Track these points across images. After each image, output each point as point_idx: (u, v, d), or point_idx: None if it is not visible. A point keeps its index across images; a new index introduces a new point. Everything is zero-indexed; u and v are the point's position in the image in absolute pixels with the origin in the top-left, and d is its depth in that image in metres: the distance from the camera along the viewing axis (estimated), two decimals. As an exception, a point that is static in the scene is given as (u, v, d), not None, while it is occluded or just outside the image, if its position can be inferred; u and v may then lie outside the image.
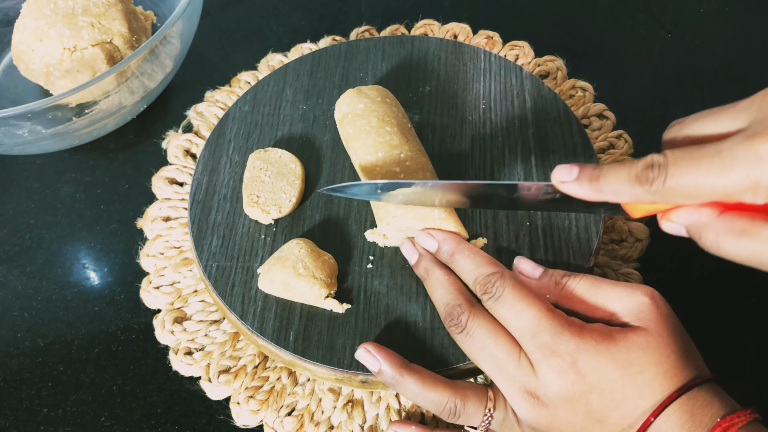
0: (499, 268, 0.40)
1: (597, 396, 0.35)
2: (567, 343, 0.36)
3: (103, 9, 0.58)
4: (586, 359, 0.35)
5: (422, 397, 0.40)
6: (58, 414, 0.47)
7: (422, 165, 0.47)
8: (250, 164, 0.51)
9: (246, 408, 0.46)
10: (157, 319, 0.50)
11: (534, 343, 0.36)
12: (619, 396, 0.35)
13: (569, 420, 0.36)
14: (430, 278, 0.43)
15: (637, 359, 0.35)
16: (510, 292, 0.38)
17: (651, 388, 0.34)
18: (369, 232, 0.47)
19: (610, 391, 0.35)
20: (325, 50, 0.59)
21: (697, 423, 0.33)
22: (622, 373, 0.35)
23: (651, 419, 0.34)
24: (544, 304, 0.38)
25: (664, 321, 0.36)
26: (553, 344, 0.36)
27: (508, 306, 0.38)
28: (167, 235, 0.54)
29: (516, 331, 0.38)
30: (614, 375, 0.35)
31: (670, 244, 0.52)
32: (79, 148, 0.61)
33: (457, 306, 0.40)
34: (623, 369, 0.35)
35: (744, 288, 0.50)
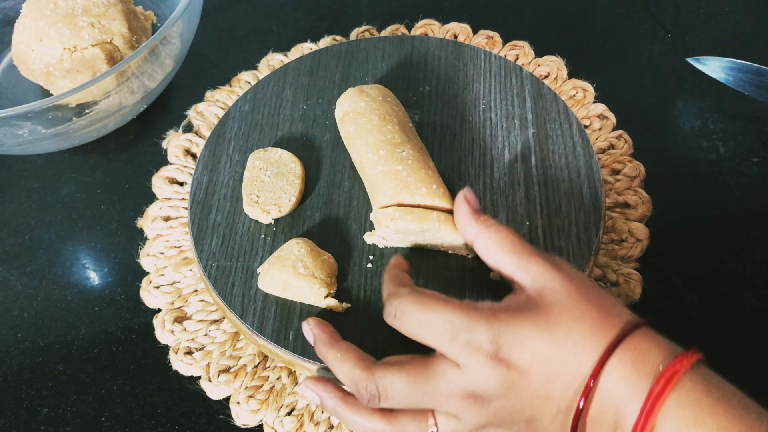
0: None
1: (535, 373, 0.33)
2: (485, 332, 0.34)
3: (103, 9, 0.58)
4: (509, 339, 0.34)
5: (358, 425, 0.39)
6: (58, 414, 0.47)
7: (424, 163, 0.47)
8: (250, 164, 0.51)
9: (246, 408, 0.46)
10: (157, 318, 0.50)
11: (455, 347, 0.35)
12: (557, 365, 0.33)
13: (516, 407, 0.34)
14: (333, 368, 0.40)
15: (558, 319, 0.33)
16: (411, 307, 0.37)
17: (583, 347, 0.33)
18: (368, 235, 0.47)
19: (545, 363, 0.33)
20: (326, 50, 0.59)
21: (641, 374, 0.32)
22: (550, 339, 0.33)
23: (590, 383, 0.32)
24: (449, 304, 0.36)
25: (572, 278, 0.35)
26: (473, 339, 0.34)
27: (415, 321, 0.36)
28: (167, 235, 0.54)
29: (434, 342, 0.36)
30: (542, 344, 0.33)
31: (670, 244, 0.53)
32: (79, 148, 0.61)
33: (359, 381, 0.38)
34: (549, 335, 0.33)
35: (744, 288, 0.50)
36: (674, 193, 0.55)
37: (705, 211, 0.55)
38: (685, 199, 0.55)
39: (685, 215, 0.54)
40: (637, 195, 0.54)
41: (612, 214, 0.53)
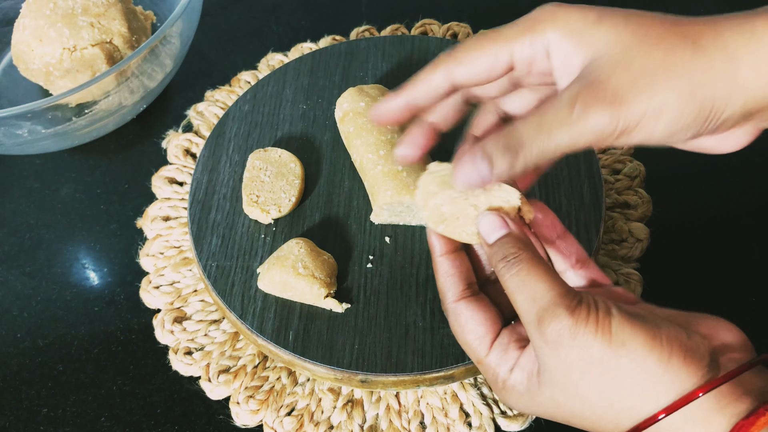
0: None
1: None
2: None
3: (102, 9, 0.58)
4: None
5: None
6: (58, 414, 0.47)
7: (424, 163, 0.47)
8: (249, 164, 0.51)
9: (246, 408, 0.46)
10: (156, 318, 0.50)
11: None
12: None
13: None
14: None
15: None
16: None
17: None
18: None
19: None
20: (325, 50, 0.59)
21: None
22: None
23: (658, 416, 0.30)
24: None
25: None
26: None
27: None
28: (167, 235, 0.54)
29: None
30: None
31: (671, 244, 0.52)
32: (78, 148, 0.61)
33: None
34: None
35: (744, 288, 0.50)
36: (674, 193, 0.55)
37: (705, 211, 0.55)
38: (685, 199, 0.55)
39: (685, 215, 0.54)
40: (637, 195, 0.54)
41: (612, 214, 0.53)
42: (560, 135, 0.30)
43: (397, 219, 0.48)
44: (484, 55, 0.33)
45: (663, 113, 0.30)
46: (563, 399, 0.32)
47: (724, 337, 0.31)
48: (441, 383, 0.44)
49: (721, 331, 0.32)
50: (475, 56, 0.33)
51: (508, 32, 0.33)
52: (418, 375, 0.43)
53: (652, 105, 0.30)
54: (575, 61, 0.31)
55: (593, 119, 0.30)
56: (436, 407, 0.45)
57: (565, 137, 0.30)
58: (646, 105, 0.30)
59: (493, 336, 0.34)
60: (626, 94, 0.30)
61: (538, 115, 0.31)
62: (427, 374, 0.43)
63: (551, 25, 0.31)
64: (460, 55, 0.33)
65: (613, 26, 0.31)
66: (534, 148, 0.31)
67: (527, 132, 0.31)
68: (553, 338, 0.30)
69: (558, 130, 0.30)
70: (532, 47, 0.32)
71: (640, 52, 0.30)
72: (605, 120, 0.30)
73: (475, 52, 0.33)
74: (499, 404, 0.46)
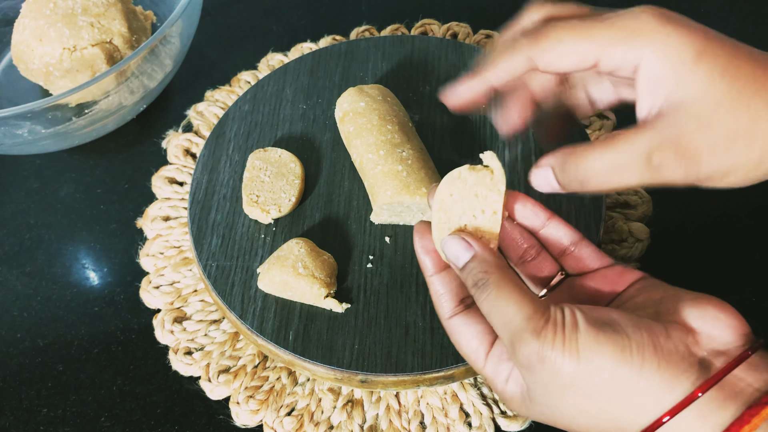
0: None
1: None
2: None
3: (102, 9, 0.58)
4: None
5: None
6: (58, 414, 0.47)
7: (424, 163, 0.47)
8: (249, 164, 0.51)
9: (246, 408, 0.46)
10: (156, 318, 0.50)
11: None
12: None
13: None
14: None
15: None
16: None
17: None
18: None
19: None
20: (325, 50, 0.59)
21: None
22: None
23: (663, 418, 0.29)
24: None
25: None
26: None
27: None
28: (167, 235, 0.54)
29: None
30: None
31: (670, 244, 0.52)
32: (78, 148, 0.61)
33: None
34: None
35: (745, 288, 0.50)
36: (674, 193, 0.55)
37: (705, 211, 0.55)
38: (685, 199, 0.55)
39: (685, 215, 0.54)
40: (637, 195, 0.54)
41: (612, 214, 0.53)
42: (630, 178, 0.32)
43: (397, 219, 0.48)
44: (573, 51, 0.33)
45: (730, 175, 0.31)
46: (550, 414, 0.32)
47: (712, 329, 0.30)
48: (441, 383, 0.44)
49: (709, 320, 0.31)
50: (562, 49, 0.33)
51: (602, 34, 0.32)
52: (418, 375, 0.43)
53: (723, 167, 0.31)
54: (662, 90, 0.31)
55: (667, 174, 0.31)
56: (436, 407, 0.45)
57: (634, 181, 0.32)
58: (718, 166, 0.31)
59: (486, 348, 0.35)
60: (704, 156, 0.31)
61: (610, 154, 0.32)
62: (427, 374, 0.43)
63: (649, 46, 0.31)
64: (545, 44, 0.33)
65: (710, 73, 0.30)
66: (603, 184, 0.32)
67: (599, 169, 0.32)
68: (525, 363, 0.30)
69: (630, 175, 0.32)
70: (623, 59, 0.32)
71: (729, 114, 0.30)
72: (678, 175, 0.31)
73: (563, 45, 0.33)
74: (499, 404, 0.46)
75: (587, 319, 0.30)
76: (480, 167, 0.36)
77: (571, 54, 0.32)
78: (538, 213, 0.37)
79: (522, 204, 0.38)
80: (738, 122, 0.30)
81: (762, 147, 0.30)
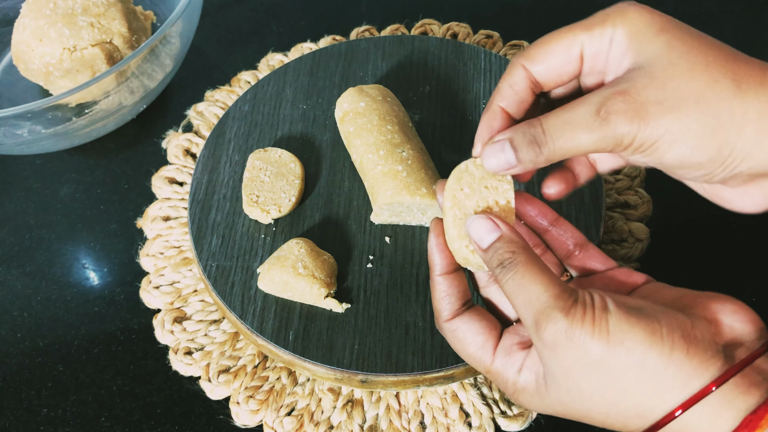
0: None
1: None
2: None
3: (102, 9, 0.58)
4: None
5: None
6: (58, 414, 0.47)
7: (424, 163, 0.47)
8: (249, 164, 0.51)
9: (245, 408, 0.46)
10: (156, 318, 0.50)
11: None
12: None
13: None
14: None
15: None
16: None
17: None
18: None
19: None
20: (325, 50, 0.59)
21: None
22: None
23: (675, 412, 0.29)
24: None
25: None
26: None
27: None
28: (167, 235, 0.54)
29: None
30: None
31: (670, 244, 0.52)
32: (78, 148, 0.61)
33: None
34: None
35: (745, 288, 0.50)
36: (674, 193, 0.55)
37: (705, 211, 0.54)
38: (685, 199, 0.55)
39: (685, 215, 0.54)
40: (637, 195, 0.54)
41: (612, 214, 0.53)
42: (582, 136, 0.31)
43: (397, 219, 0.48)
44: (558, 47, 0.33)
45: (679, 141, 0.30)
46: (569, 400, 0.31)
47: (732, 321, 0.31)
48: (441, 383, 0.44)
49: (728, 313, 0.31)
50: (547, 50, 0.33)
51: (581, 25, 0.33)
52: (418, 375, 0.43)
53: (671, 129, 0.30)
54: (625, 62, 0.32)
55: (614, 127, 0.30)
56: (436, 407, 0.45)
57: (587, 139, 0.31)
58: (665, 128, 0.30)
59: (494, 341, 0.34)
60: (651, 111, 0.30)
61: (565, 113, 0.32)
62: (427, 374, 0.43)
63: (621, 20, 0.32)
64: (533, 52, 0.34)
65: (670, 40, 0.31)
66: (557, 145, 0.32)
67: (553, 129, 0.32)
68: (550, 341, 0.30)
69: (581, 131, 0.31)
70: (600, 40, 0.32)
71: (682, 75, 0.30)
72: (624, 130, 0.30)
73: (547, 45, 0.33)
74: (499, 404, 0.46)
75: (617, 303, 0.30)
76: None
77: (557, 52, 0.33)
78: (545, 214, 0.38)
79: (529, 205, 0.38)
80: (691, 84, 0.30)
81: (716, 116, 0.29)
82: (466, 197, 0.35)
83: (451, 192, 0.35)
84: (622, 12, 0.32)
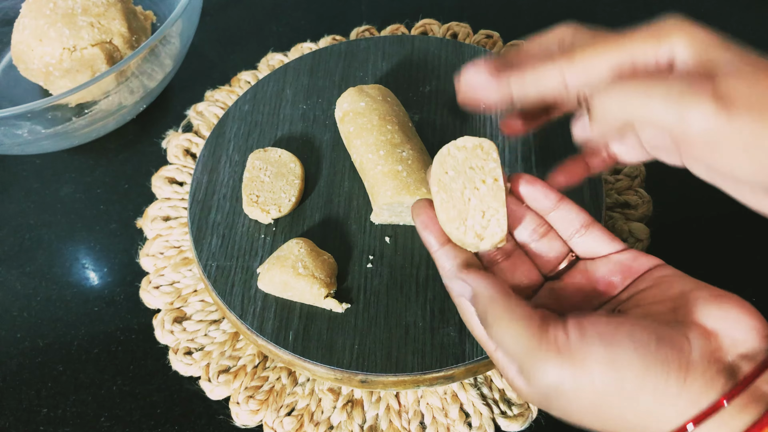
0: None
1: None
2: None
3: (102, 9, 0.58)
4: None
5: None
6: (58, 414, 0.47)
7: (424, 163, 0.47)
8: (249, 164, 0.51)
9: (245, 408, 0.46)
10: (156, 319, 0.50)
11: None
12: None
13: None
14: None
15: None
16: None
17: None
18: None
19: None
20: (325, 50, 0.59)
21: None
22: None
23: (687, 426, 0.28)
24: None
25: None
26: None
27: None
28: (167, 235, 0.54)
29: None
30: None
31: (670, 244, 0.52)
32: (78, 148, 0.61)
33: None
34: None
35: (745, 288, 0.50)
36: (674, 193, 0.55)
37: (705, 211, 0.55)
38: (685, 199, 0.55)
39: (685, 215, 0.54)
40: (637, 195, 0.54)
41: (612, 214, 0.53)
42: (654, 103, 0.29)
43: (397, 219, 0.48)
44: (606, 62, 0.32)
45: (760, 146, 0.28)
46: (563, 414, 0.31)
47: (735, 331, 0.30)
48: (441, 383, 0.44)
49: (731, 322, 0.30)
50: (595, 63, 0.32)
51: (633, 36, 0.32)
52: (418, 375, 0.43)
53: (756, 129, 0.28)
54: (699, 66, 0.30)
55: (693, 106, 0.28)
56: (436, 407, 0.45)
57: (659, 107, 0.29)
58: (750, 126, 0.28)
59: None
60: (738, 104, 0.28)
61: (644, 78, 0.30)
62: (427, 374, 0.43)
63: (679, 32, 0.31)
64: (578, 59, 0.32)
65: (740, 53, 0.30)
66: (621, 103, 0.30)
67: (625, 86, 0.30)
68: (543, 393, 0.30)
69: (656, 97, 0.29)
70: (656, 52, 0.31)
71: (766, 81, 0.28)
72: (703, 114, 0.28)
73: (596, 58, 0.32)
74: (499, 404, 0.46)
75: (602, 338, 0.29)
76: (465, 141, 0.36)
77: (604, 62, 0.32)
78: (548, 194, 0.37)
79: (531, 185, 0.37)
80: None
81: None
82: (452, 180, 0.35)
83: (436, 177, 0.35)
84: (678, 24, 0.31)
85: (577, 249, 0.37)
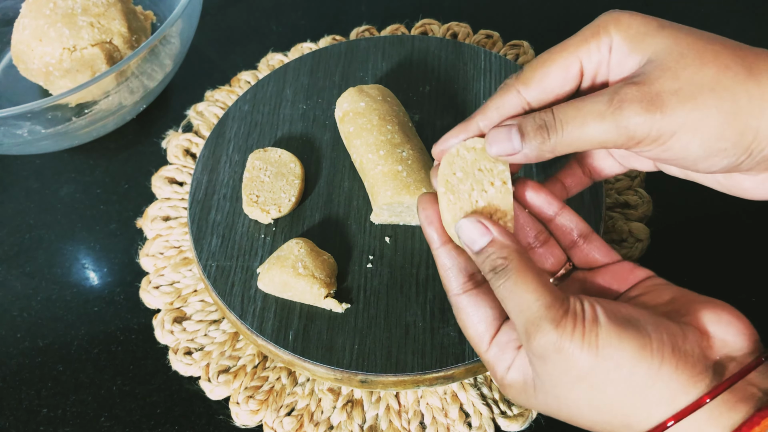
0: None
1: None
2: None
3: (102, 8, 0.58)
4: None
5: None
6: (58, 414, 0.47)
7: (424, 163, 0.47)
8: (249, 164, 0.51)
9: (245, 408, 0.46)
10: (156, 319, 0.50)
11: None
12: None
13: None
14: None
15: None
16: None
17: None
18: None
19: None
20: (325, 50, 0.59)
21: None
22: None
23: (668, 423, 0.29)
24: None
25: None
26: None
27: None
28: (167, 235, 0.54)
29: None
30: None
31: (670, 244, 0.52)
32: (78, 148, 0.61)
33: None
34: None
35: (745, 288, 0.50)
36: (674, 193, 0.55)
37: (705, 211, 0.55)
38: (685, 199, 0.55)
39: (685, 215, 0.54)
40: (637, 195, 0.54)
41: (612, 214, 0.53)
42: (593, 126, 0.30)
43: (397, 219, 0.48)
44: (555, 69, 0.33)
45: (701, 129, 0.29)
46: (556, 406, 0.31)
47: (725, 334, 0.30)
48: (441, 383, 0.44)
49: (722, 325, 0.31)
50: (545, 72, 0.33)
51: (575, 41, 0.33)
52: (418, 375, 0.43)
53: (692, 117, 0.29)
54: (630, 63, 0.31)
55: (628, 117, 0.30)
56: (436, 407, 0.45)
57: (598, 129, 0.30)
58: (685, 117, 0.29)
59: (492, 333, 0.34)
60: (667, 101, 0.29)
61: (577, 103, 0.31)
62: (427, 374, 0.43)
63: (615, 26, 0.32)
64: (529, 76, 0.33)
65: (673, 35, 0.31)
66: (566, 134, 0.31)
67: (563, 117, 0.31)
68: (539, 352, 0.30)
69: (592, 120, 0.30)
70: (599, 51, 0.32)
71: (693, 65, 0.30)
72: (639, 120, 0.29)
73: (544, 68, 0.33)
74: (499, 404, 0.46)
75: (608, 314, 0.30)
76: (474, 142, 0.35)
77: (555, 73, 0.33)
78: (551, 202, 0.37)
79: (535, 192, 0.37)
80: (704, 72, 0.30)
81: (734, 101, 0.29)
82: (460, 181, 0.35)
83: (444, 177, 0.35)
84: (614, 19, 0.32)
85: (575, 258, 0.37)
